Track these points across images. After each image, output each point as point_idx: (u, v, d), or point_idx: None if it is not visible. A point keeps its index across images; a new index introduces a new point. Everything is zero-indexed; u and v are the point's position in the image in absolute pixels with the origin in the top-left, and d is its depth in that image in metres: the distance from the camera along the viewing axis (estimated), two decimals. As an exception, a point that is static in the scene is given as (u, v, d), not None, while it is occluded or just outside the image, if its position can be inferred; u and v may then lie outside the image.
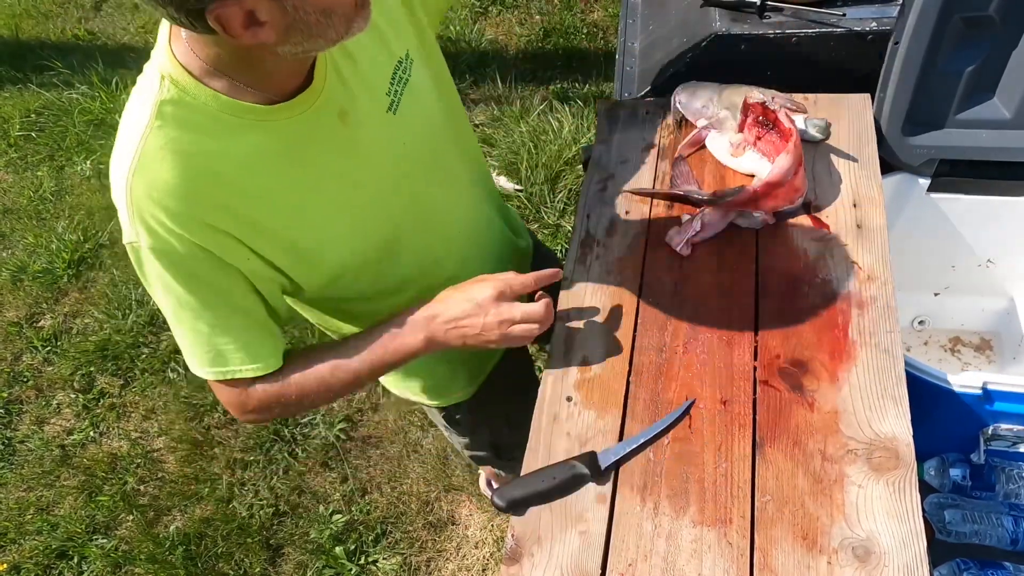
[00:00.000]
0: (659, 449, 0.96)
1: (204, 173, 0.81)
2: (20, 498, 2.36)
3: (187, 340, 0.91)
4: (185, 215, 0.80)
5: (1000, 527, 1.28)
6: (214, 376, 0.93)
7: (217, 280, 0.87)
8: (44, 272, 2.96)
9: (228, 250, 0.85)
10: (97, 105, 3.55)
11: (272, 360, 0.95)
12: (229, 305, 0.89)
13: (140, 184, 0.79)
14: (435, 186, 1.04)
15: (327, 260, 0.94)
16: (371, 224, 0.96)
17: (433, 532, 2.10)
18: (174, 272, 0.84)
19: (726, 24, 1.41)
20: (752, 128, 1.23)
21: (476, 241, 1.17)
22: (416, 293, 1.04)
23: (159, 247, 0.82)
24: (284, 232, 0.88)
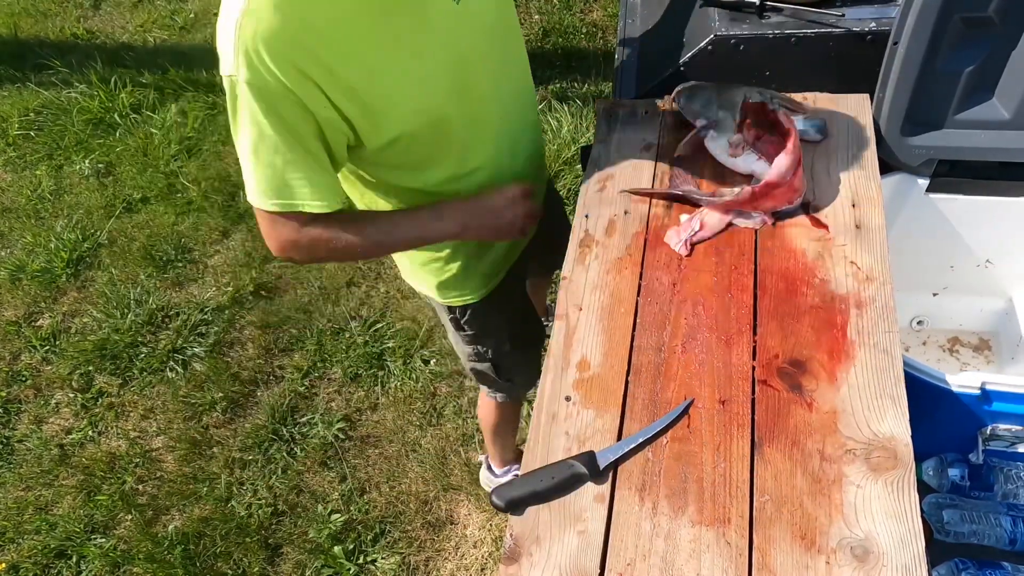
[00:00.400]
0: (658, 449, 0.96)
1: (301, 22, 0.92)
2: (19, 497, 2.35)
3: (260, 173, 1.02)
4: (282, 57, 0.92)
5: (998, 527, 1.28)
6: (279, 207, 1.05)
7: (297, 122, 0.98)
8: (43, 271, 2.96)
9: (311, 96, 0.96)
10: (96, 104, 3.55)
11: (334, 201, 1.08)
12: (304, 146, 1.01)
13: (248, 24, 0.90)
14: (485, 79, 1.16)
15: (388, 120, 1.05)
16: (429, 95, 1.07)
17: (432, 531, 2.10)
18: (263, 106, 0.95)
19: (725, 24, 1.41)
20: (751, 128, 1.23)
21: (510, 141, 1.29)
22: (451, 173, 1.21)
23: (255, 82, 0.93)
24: (357, 87, 0.99)
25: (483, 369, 1.63)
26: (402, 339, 2.52)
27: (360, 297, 2.67)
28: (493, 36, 1.17)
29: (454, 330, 1.54)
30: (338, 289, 2.71)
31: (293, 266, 2.80)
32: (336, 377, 2.48)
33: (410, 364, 2.46)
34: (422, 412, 2.34)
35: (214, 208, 3.06)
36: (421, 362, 2.45)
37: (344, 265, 2.76)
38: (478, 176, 1.24)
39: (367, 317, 2.60)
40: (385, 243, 1.21)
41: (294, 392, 2.45)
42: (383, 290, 2.69)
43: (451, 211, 1.20)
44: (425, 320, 2.56)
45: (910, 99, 1.30)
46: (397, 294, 2.66)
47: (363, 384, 2.44)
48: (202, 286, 2.84)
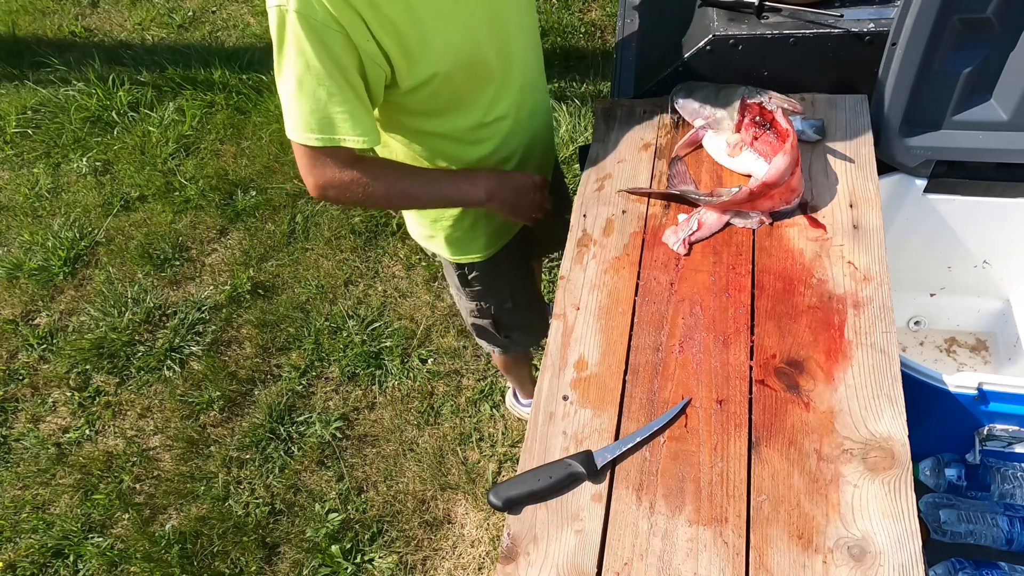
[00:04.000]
0: (655, 448, 0.96)
1: None
2: (16, 496, 2.35)
3: (304, 106, 1.05)
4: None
5: (995, 527, 1.28)
6: (323, 142, 1.07)
7: (342, 54, 1.01)
8: (40, 270, 2.96)
9: (355, 28, 1.00)
10: (94, 102, 3.54)
11: (374, 135, 1.11)
12: (347, 79, 1.04)
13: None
14: (512, 29, 1.21)
15: (426, 57, 1.08)
16: (465, 36, 1.12)
17: (429, 531, 2.10)
18: (310, 37, 0.98)
19: (724, 24, 1.41)
20: (749, 128, 1.23)
21: (531, 97, 1.35)
22: (477, 120, 1.26)
23: (304, 11, 0.96)
24: (397, 21, 1.03)
25: (484, 324, 1.71)
26: (399, 338, 2.52)
27: (358, 296, 2.67)
28: (517, 5, 1.22)
29: (460, 285, 1.61)
30: (336, 288, 2.70)
31: (291, 265, 2.80)
32: (333, 376, 2.48)
33: (408, 363, 2.46)
34: (419, 411, 2.34)
35: (212, 206, 3.06)
36: (419, 361, 2.45)
37: (342, 264, 2.76)
38: (502, 126, 1.30)
39: (365, 316, 2.60)
40: (418, 196, 1.26)
41: (291, 391, 2.45)
42: (380, 289, 2.69)
43: (484, 178, 1.28)
44: (423, 319, 2.56)
45: (908, 100, 1.31)
46: (395, 293, 2.66)
47: (360, 383, 2.44)
48: (199, 285, 2.83)
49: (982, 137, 1.34)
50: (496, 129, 1.30)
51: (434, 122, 1.24)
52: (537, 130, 1.42)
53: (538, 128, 1.42)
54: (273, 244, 2.90)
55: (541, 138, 1.44)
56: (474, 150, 1.31)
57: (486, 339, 1.80)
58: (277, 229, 2.94)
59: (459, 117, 1.24)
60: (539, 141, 1.44)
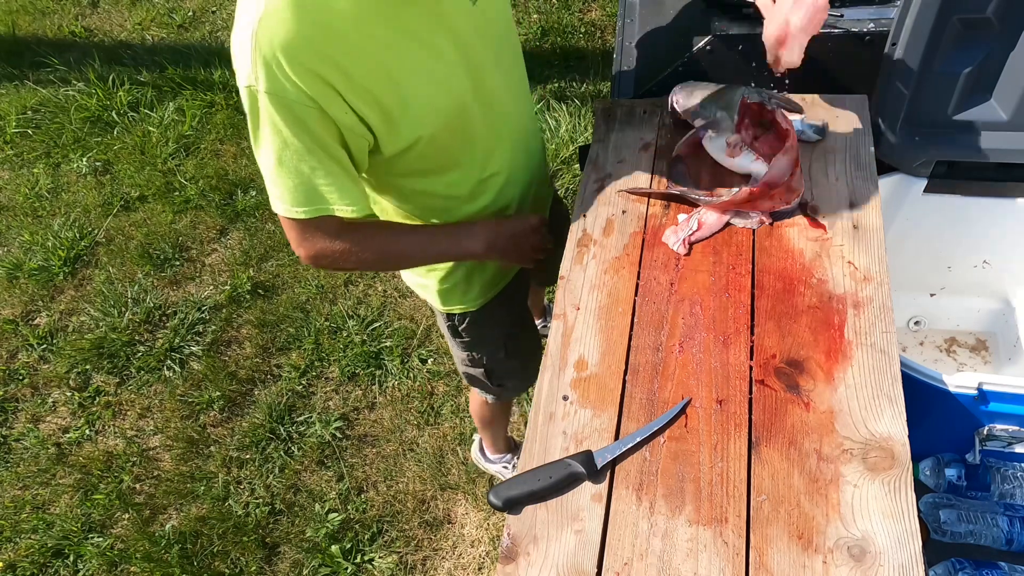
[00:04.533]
0: (655, 448, 0.96)
1: (318, 25, 0.91)
2: (16, 496, 2.35)
3: (288, 181, 1.01)
4: (300, 64, 0.90)
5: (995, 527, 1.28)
6: (310, 213, 1.03)
7: (319, 129, 0.97)
8: (40, 270, 2.96)
9: (330, 102, 0.95)
10: (94, 102, 3.54)
11: (363, 203, 1.07)
12: (328, 152, 1.00)
13: (265, 32, 0.88)
14: (498, 81, 1.16)
15: (408, 122, 1.04)
16: (448, 96, 1.07)
17: (429, 531, 2.10)
18: (284, 115, 0.94)
19: (724, 24, 1.41)
20: (749, 128, 1.23)
21: (523, 147, 1.31)
22: (471, 177, 1.22)
23: (275, 91, 0.91)
24: (375, 89, 0.98)
25: (476, 374, 1.64)
26: (399, 338, 2.52)
27: (358, 296, 2.67)
28: (504, 41, 1.18)
29: (451, 336, 1.55)
30: (336, 288, 2.70)
31: (291, 265, 2.80)
32: (333, 376, 2.48)
33: (407, 363, 2.46)
34: (419, 411, 2.34)
35: (211, 207, 3.06)
36: (419, 361, 2.45)
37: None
38: (496, 180, 1.26)
39: (365, 316, 2.60)
40: (415, 255, 1.23)
41: (291, 391, 2.45)
42: (380, 289, 2.69)
43: (481, 229, 1.23)
44: (423, 319, 2.56)
45: (908, 100, 1.31)
46: (395, 293, 2.66)
47: (360, 383, 2.44)
48: (199, 285, 2.83)
49: (982, 137, 1.34)
50: (491, 184, 1.26)
51: (425, 182, 1.19)
52: (533, 173, 1.36)
53: (534, 171, 1.37)
54: (273, 244, 2.90)
55: (537, 178, 1.39)
56: (469, 206, 1.27)
57: (478, 387, 1.73)
58: (277, 229, 2.93)
59: (451, 176, 1.20)
60: (535, 182, 1.39)
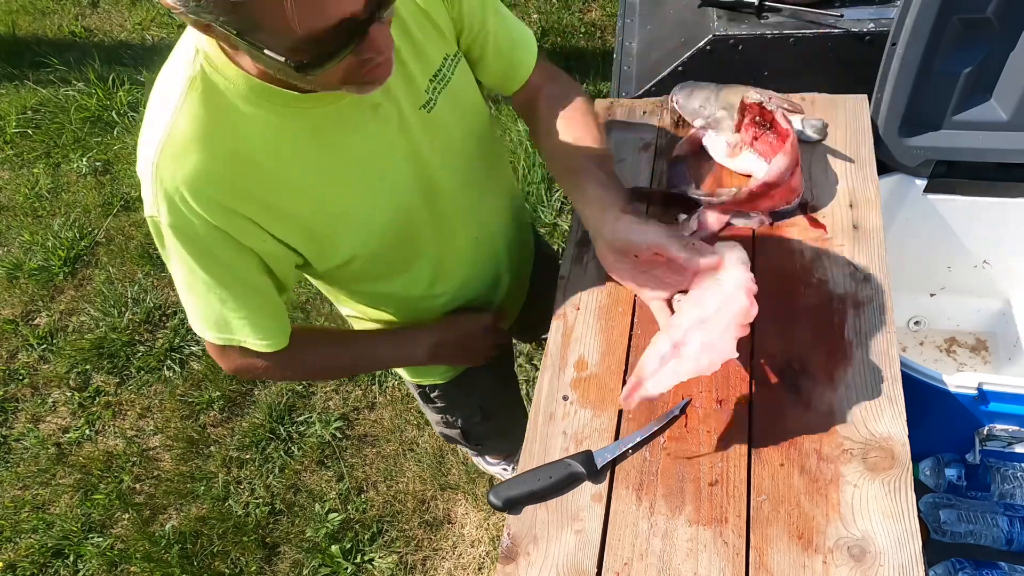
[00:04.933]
0: (655, 448, 0.96)
1: (229, 157, 0.81)
2: (16, 496, 2.35)
3: (197, 308, 0.93)
4: (207, 198, 0.81)
5: (995, 527, 1.28)
6: (221, 341, 0.96)
7: (232, 260, 0.88)
8: (40, 269, 2.96)
9: (246, 233, 0.86)
10: (94, 102, 3.54)
11: (280, 339, 0.98)
12: (242, 283, 0.91)
13: (166, 165, 0.80)
14: (457, 188, 1.05)
15: (341, 245, 0.95)
16: (388, 216, 0.97)
17: (429, 531, 2.10)
18: (191, 249, 0.86)
19: (724, 24, 1.41)
20: (749, 128, 1.23)
21: (489, 242, 1.20)
22: (422, 285, 1.12)
23: (179, 225, 0.83)
24: (302, 217, 0.89)
25: (452, 435, 1.58)
26: (400, 338, 2.51)
27: (358, 296, 2.67)
28: (472, 140, 1.06)
29: (422, 401, 1.46)
30: (336, 288, 2.70)
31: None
32: (334, 376, 2.48)
33: (408, 363, 2.45)
34: (419, 411, 2.34)
35: (212, 207, 3.06)
36: (419, 361, 2.45)
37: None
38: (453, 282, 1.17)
39: (365, 316, 2.60)
40: (350, 367, 1.14)
41: (291, 391, 2.44)
42: (381, 289, 2.68)
43: (426, 335, 1.15)
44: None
45: (908, 100, 1.31)
46: (395, 293, 2.66)
47: (360, 383, 2.44)
48: (200, 285, 2.83)
49: (982, 137, 1.34)
50: (448, 285, 1.16)
51: (371, 285, 1.10)
52: (500, 261, 1.25)
53: (501, 257, 1.25)
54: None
55: (511, 266, 1.29)
56: (428, 303, 1.17)
57: (457, 443, 1.64)
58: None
59: (399, 280, 1.10)
60: (508, 266, 1.28)
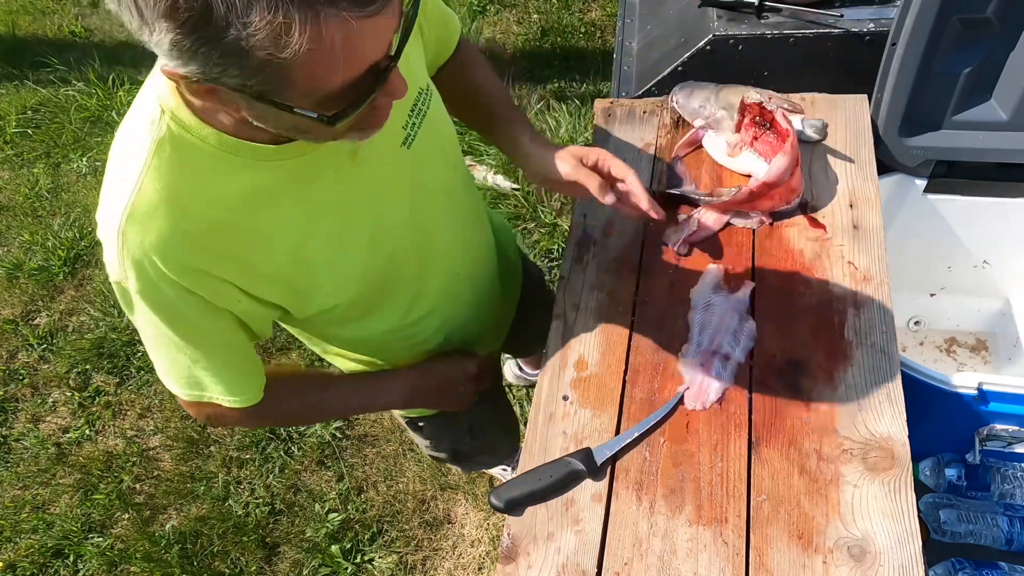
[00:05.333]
0: (655, 448, 0.96)
1: (200, 221, 0.77)
2: (16, 496, 2.35)
3: (167, 366, 0.90)
4: (177, 264, 0.77)
5: (995, 527, 1.28)
6: (190, 398, 0.92)
7: (204, 322, 0.84)
8: (40, 269, 2.96)
9: (219, 294, 0.82)
10: (94, 102, 3.54)
11: (252, 395, 0.94)
12: (213, 342, 0.88)
13: (133, 232, 0.75)
14: (439, 222, 1.03)
15: (322, 293, 0.91)
16: (369, 261, 0.93)
17: (429, 531, 2.10)
18: (161, 314, 0.82)
19: (724, 24, 1.41)
20: (749, 128, 1.23)
21: (473, 270, 1.17)
22: (398, 323, 1.07)
23: (148, 291, 0.79)
24: (279, 270, 0.85)
25: (441, 458, 1.55)
26: (400, 338, 2.51)
27: (358, 296, 2.67)
28: (452, 168, 1.05)
29: (409, 428, 1.42)
30: (336, 288, 2.70)
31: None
32: (334, 376, 2.48)
33: (408, 363, 2.45)
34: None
35: (212, 207, 3.06)
36: (419, 361, 2.45)
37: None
38: (433, 319, 1.13)
39: (365, 316, 2.60)
40: (326, 414, 1.11)
41: (292, 391, 2.44)
42: (381, 289, 2.68)
43: (402, 381, 1.11)
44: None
45: (908, 100, 1.31)
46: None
47: (361, 383, 2.44)
48: (200, 285, 2.83)
49: (982, 137, 1.34)
50: (424, 326, 1.12)
51: (351, 328, 1.06)
52: (483, 289, 1.22)
53: (484, 285, 1.22)
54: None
55: (495, 287, 1.26)
56: (404, 343, 1.13)
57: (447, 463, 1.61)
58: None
59: (376, 322, 1.06)
60: (492, 293, 1.26)
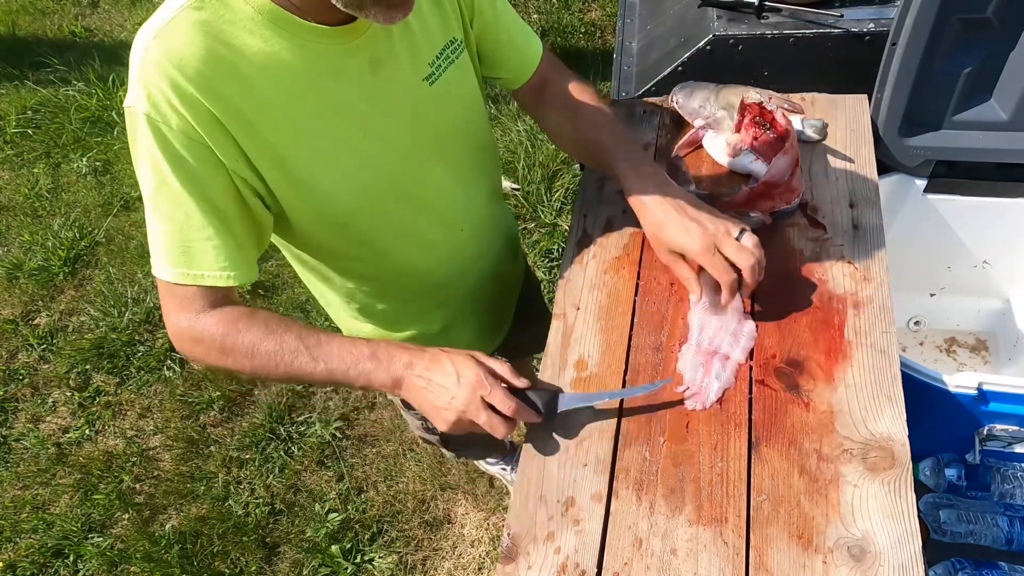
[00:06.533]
0: (655, 448, 0.96)
1: (221, 61, 0.80)
2: (16, 496, 2.35)
3: (159, 229, 0.86)
4: (189, 93, 0.79)
5: (995, 527, 1.28)
6: (175, 278, 0.87)
7: (203, 170, 0.83)
8: (40, 269, 2.96)
9: (220, 144, 0.83)
10: (94, 102, 3.54)
11: (245, 271, 0.89)
12: (210, 201, 0.85)
13: (157, 49, 0.79)
14: (446, 167, 1.05)
15: (315, 193, 0.91)
16: (369, 175, 0.95)
17: (429, 531, 2.10)
18: (163, 147, 0.81)
19: (724, 24, 1.41)
20: (749, 128, 1.23)
21: (474, 237, 1.17)
22: (399, 268, 1.07)
23: (155, 116, 0.80)
24: (280, 148, 0.87)
25: (431, 440, 1.56)
26: (400, 338, 2.52)
27: (358, 296, 2.67)
28: (468, 125, 1.07)
29: (403, 407, 1.42)
30: (336, 288, 2.70)
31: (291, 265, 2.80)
32: (334, 376, 2.47)
33: (408, 363, 2.45)
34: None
35: (212, 207, 3.06)
36: (419, 361, 2.45)
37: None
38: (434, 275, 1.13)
39: (365, 316, 2.60)
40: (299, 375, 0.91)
41: (291, 391, 2.45)
42: (381, 289, 2.68)
43: (393, 362, 0.92)
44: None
45: (908, 100, 1.31)
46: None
47: (361, 383, 2.44)
48: (200, 285, 2.83)
49: (982, 137, 1.34)
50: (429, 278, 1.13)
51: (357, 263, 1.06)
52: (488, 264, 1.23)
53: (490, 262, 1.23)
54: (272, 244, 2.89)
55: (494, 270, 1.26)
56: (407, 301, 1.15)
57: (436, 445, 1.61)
58: (277, 229, 2.93)
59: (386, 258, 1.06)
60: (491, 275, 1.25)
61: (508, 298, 1.40)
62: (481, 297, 1.28)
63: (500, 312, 1.38)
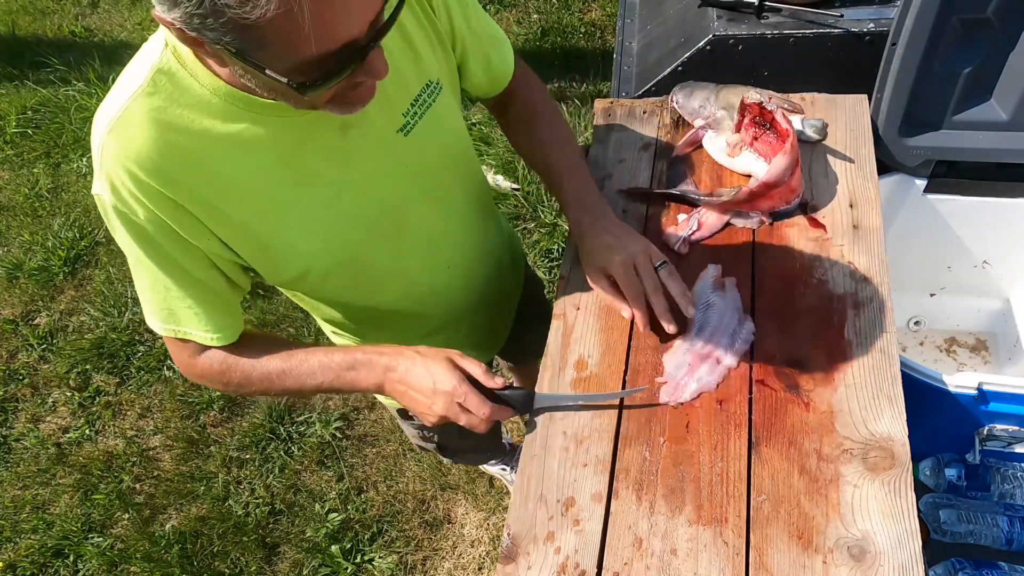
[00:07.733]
0: (655, 448, 0.96)
1: (178, 150, 0.79)
2: (16, 496, 2.35)
3: (145, 294, 0.92)
4: (150, 186, 0.79)
5: (995, 527, 1.28)
6: (166, 332, 0.94)
7: (175, 252, 0.86)
8: (40, 269, 2.96)
9: (188, 228, 0.84)
10: (94, 102, 3.54)
11: (228, 333, 0.95)
12: (187, 276, 0.89)
13: (113, 144, 0.78)
14: (427, 203, 1.03)
15: (291, 261, 0.92)
16: (347, 230, 0.94)
17: (429, 531, 2.10)
18: (133, 235, 0.84)
19: (724, 25, 1.41)
20: (749, 128, 1.23)
21: (464, 269, 1.17)
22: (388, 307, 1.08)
23: (120, 208, 0.81)
24: (251, 224, 0.86)
25: (428, 448, 1.56)
26: (400, 338, 2.51)
27: (358, 296, 2.67)
28: (451, 165, 1.05)
29: (400, 417, 1.44)
30: (336, 288, 2.70)
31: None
32: (334, 376, 2.47)
33: (408, 363, 2.45)
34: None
35: (212, 207, 3.06)
36: (419, 361, 2.45)
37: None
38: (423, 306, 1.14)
39: (365, 316, 2.60)
40: (293, 389, 0.99)
41: (292, 391, 2.44)
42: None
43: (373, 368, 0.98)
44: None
45: (908, 100, 1.31)
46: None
47: (361, 383, 2.44)
48: (200, 285, 2.83)
49: (982, 137, 1.34)
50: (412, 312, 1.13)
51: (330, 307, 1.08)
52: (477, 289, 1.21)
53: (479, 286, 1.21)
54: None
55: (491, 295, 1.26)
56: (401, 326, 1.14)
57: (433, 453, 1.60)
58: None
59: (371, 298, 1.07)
60: (487, 300, 1.25)
61: (507, 307, 1.39)
62: (478, 317, 1.27)
63: (498, 321, 1.38)
